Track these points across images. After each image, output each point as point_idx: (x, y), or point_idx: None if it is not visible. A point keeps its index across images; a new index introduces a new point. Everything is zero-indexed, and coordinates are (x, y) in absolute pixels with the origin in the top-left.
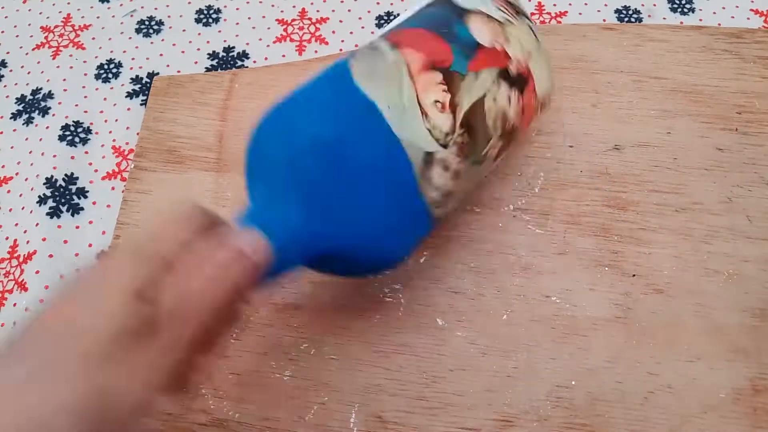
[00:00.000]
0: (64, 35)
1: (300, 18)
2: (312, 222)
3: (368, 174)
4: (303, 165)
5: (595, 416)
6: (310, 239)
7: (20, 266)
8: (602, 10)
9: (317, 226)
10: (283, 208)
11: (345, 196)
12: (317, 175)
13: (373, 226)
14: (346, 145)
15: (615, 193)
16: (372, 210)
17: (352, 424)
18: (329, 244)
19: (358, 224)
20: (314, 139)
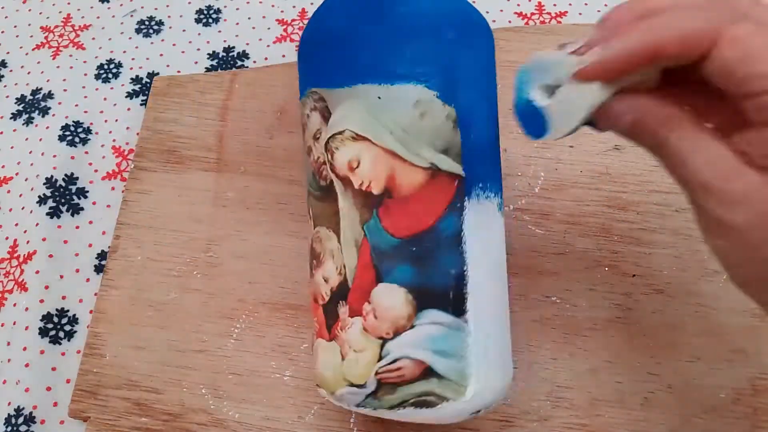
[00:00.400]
0: (64, 35)
1: (300, 18)
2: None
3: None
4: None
5: (595, 416)
6: None
7: (20, 266)
8: (602, 10)
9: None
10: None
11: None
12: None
13: None
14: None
15: (615, 193)
16: None
17: (352, 424)
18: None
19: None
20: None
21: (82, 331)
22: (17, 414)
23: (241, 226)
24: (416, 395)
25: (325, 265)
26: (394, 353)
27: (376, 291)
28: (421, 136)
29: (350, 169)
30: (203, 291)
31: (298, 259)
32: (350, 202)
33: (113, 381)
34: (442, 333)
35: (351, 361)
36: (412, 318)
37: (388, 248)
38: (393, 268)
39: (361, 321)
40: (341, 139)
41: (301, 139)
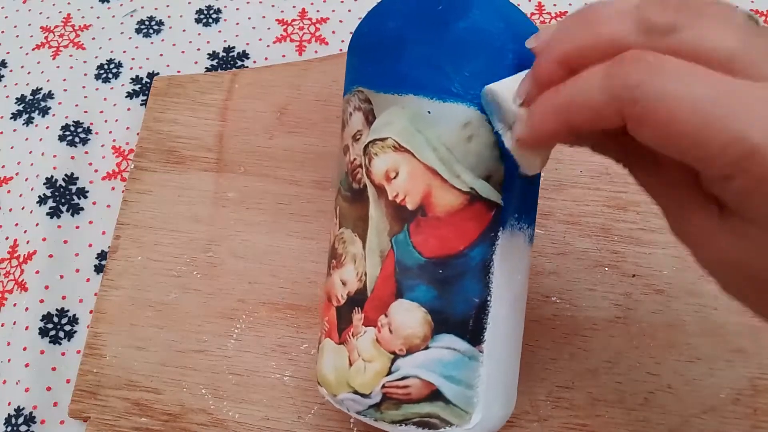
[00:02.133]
0: (64, 35)
1: (300, 18)
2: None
3: None
4: None
5: (595, 416)
6: None
7: (20, 266)
8: None
9: None
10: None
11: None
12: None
13: None
14: None
15: (615, 193)
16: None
17: (352, 424)
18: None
19: None
20: None
21: (82, 331)
22: (17, 414)
23: (241, 226)
24: (420, 415)
25: (346, 267)
26: (404, 370)
27: (395, 306)
28: (464, 159)
29: (387, 179)
30: (203, 291)
31: (298, 259)
32: (381, 212)
33: (113, 381)
34: (456, 359)
35: (358, 369)
36: (427, 339)
37: (414, 265)
38: (415, 286)
39: (374, 332)
40: (382, 146)
41: (301, 138)
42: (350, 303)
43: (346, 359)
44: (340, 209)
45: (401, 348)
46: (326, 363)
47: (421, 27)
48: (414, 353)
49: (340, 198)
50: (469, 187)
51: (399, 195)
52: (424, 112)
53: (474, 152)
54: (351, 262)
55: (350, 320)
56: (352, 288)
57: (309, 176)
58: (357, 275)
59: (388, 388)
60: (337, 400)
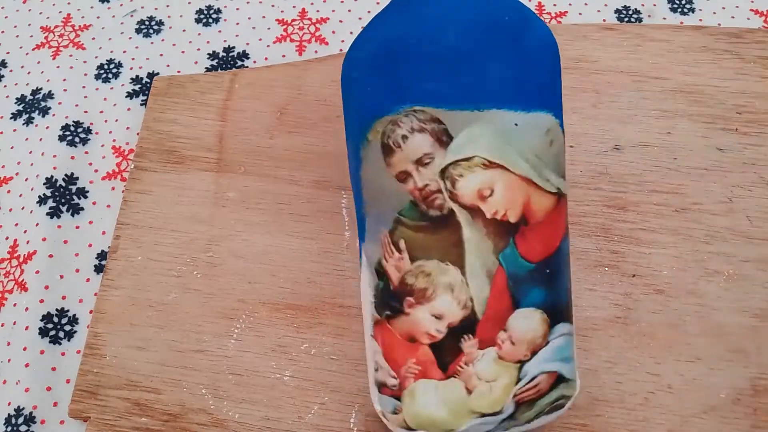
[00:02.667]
0: (64, 35)
1: (300, 18)
2: None
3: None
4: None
5: (594, 416)
6: None
7: (20, 266)
8: (602, 10)
9: None
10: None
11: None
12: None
13: None
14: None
15: (615, 193)
16: None
17: (352, 424)
18: None
19: None
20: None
21: (82, 331)
22: (17, 414)
23: (241, 226)
24: (550, 403)
25: (438, 300)
26: (532, 372)
27: (513, 317)
28: (550, 163)
29: (481, 198)
30: (203, 291)
31: (298, 259)
32: (481, 233)
33: (113, 381)
34: (566, 341)
35: (482, 393)
36: (546, 335)
37: (525, 274)
38: (529, 292)
39: (494, 350)
40: (468, 166)
41: (301, 138)
42: (455, 333)
43: (462, 389)
44: (408, 242)
45: (526, 354)
46: (429, 403)
47: (492, 39)
48: (537, 353)
49: (403, 229)
50: (555, 187)
51: (499, 211)
52: (511, 125)
53: (555, 154)
54: (446, 292)
55: (458, 350)
56: (455, 318)
57: (309, 176)
58: (459, 303)
59: (520, 395)
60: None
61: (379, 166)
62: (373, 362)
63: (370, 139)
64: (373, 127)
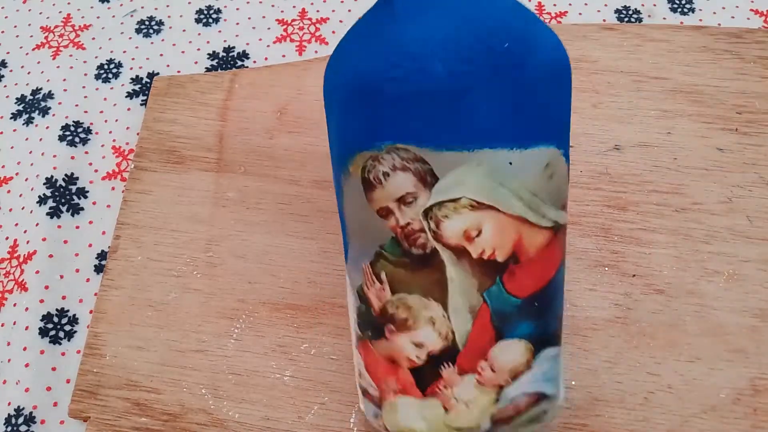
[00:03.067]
0: (64, 35)
1: (300, 18)
2: None
3: None
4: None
5: (594, 416)
6: None
7: (20, 266)
8: (602, 10)
9: None
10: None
11: None
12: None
13: None
14: None
15: (615, 193)
16: None
17: (352, 424)
18: None
19: None
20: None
21: (82, 331)
22: (17, 414)
23: (241, 226)
24: (529, 419)
25: (420, 332)
26: (512, 395)
27: (495, 348)
28: (548, 198)
29: (467, 239)
30: (203, 291)
31: (298, 259)
32: (466, 272)
33: (113, 381)
34: (552, 364)
35: (460, 412)
36: (530, 362)
37: (512, 309)
38: (515, 325)
39: (474, 377)
40: (454, 207)
41: (301, 138)
42: (435, 361)
43: (440, 407)
44: (389, 275)
45: (507, 380)
46: (407, 416)
47: (488, 70)
48: (519, 378)
49: (384, 263)
50: (552, 221)
51: (486, 251)
52: (504, 165)
53: (555, 188)
54: (427, 325)
55: (437, 375)
56: (435, 347)
57: (309, 176)
58: (441, 335)
59: (497, 415)
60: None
61: (360, 199)
62: (357, 369)
63: (351, 171)
64: (354, 159)
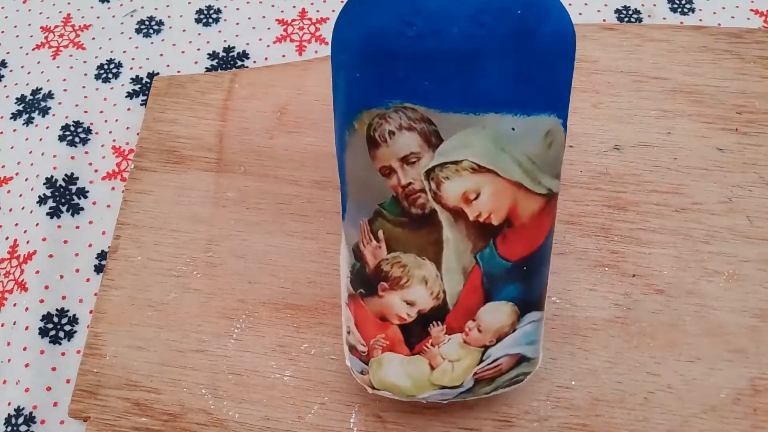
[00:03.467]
0: (64, 35)
1: (300, 18)
2: None
3: None
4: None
5: (595, 416)
6: None
7: (20, 266)
8: (602, 10)
9: None
10: None
11: None
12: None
13: None
14: None
15: (615, 193)
16: None
17: (352, 424)
18: None
19: None
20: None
21: (82, 331)
22: (17, 414)
23: (241, 226)
24: (509, 380)
25: (411, 290)
26: (495, 355)
27: (484, 309)
28: (545, 166)
29: (465, 201)
30: (203, 291)
31: (298, 259)
32: (462, 234)
33: (113, 381)
34: (534, 327)
35: (444, 370)
36: (515, 324)
37: (502, 272)
38: (503, 288)
39: (461, 336)
40: (456, 170)
41: (301, 138)
42: (424, 320)
43: (426, 365)
44: (386, 233)
45: (492, 340)
46: (393, 372)
47: (500, 35)
48: (503, 339)
49: (383, 221)
50: (546, 189)
51: (483, 214)
52: (507, 130)
53: (553, 156)
54: (420, 284)
55: (426, 333)
56: (425, 306)
57: (309, 176)
58: (432, 294)
59: (480, 374)
60: (417, 399)
61: (363, 156)
62: (345, 326)
63: (356, 127)
64: (360, 117)
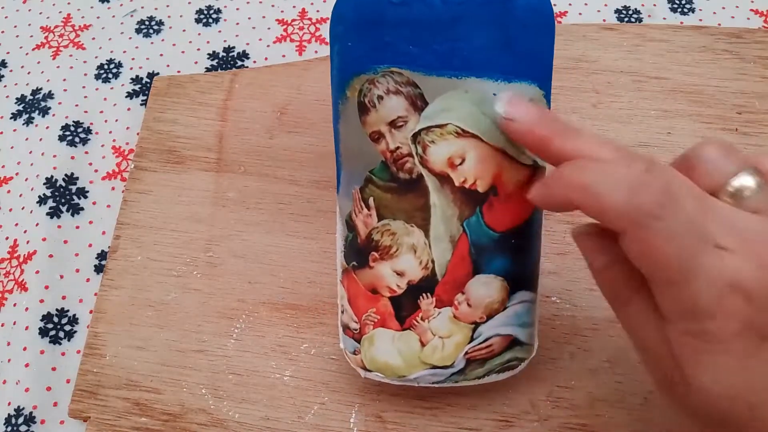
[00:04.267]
0: (64, 35)
1: (300, 18)
2: None
3: None
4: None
5: (595, 416)
6: None
7: (20, 266)
8: (602, 10)
9: None
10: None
11: None
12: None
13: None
14: None
15: None
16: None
17: (352, 424)
18: None
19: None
20: None
21: (82, 331)
22: (17, 414)
23: (241, 226)
24: (502, 364)
25: (402, 258)
26: (486, 334)
27: (472, 282)
28: None
29: (451, 166)
30: (203, 291)
31: (298, 259)
32: (448, 199)
33: (113, 381)
34: (526, 308)
35: (434, 347)
36: (505, 301)
37: (489, 242)
38: (491, 260)
39: (450, 310)
40: (441, 133)
41: (301, 138)
42: (413, 290)
43: (416, 342)
44: (376, 200)
45: (482, 316)
46: (384, 350)
47: (478, 2)
48: (494, 317)
49: (373, 188)
50: (531, 159)
51: (468, 180)
52: (489, 95)
53: None
54: (409, 252)
55: (416, 306)
56: (415, 276)
57: (309, 176)
58: (421, 264)
59: (471, 353)
60: (407, 380)
61: (355, 123)
62: (340, 305)
63: (348, 95)
64: (352, 83)
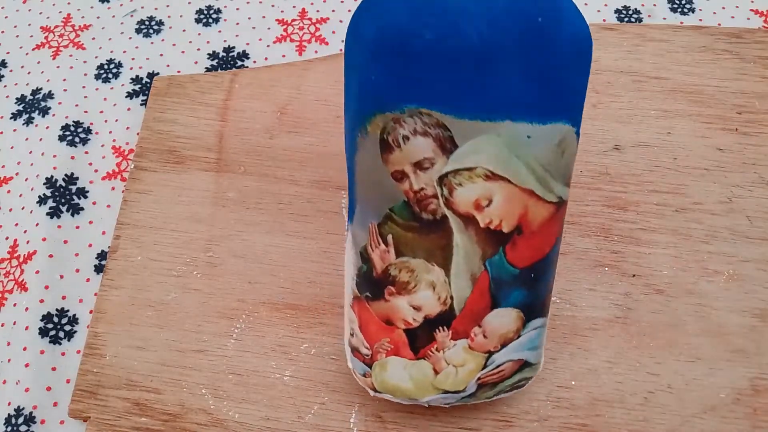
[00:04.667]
0: (64, 35)
1: (300, 18)
2: None
3: None
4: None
5: (595, 416)
6: None
7: (20, 266)
8: (602, 10)
9: None
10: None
11: None
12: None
13: None
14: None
15: (615, 193)
16: None
17: (351, 424)
18: None
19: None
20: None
21: (82, 331)
22: (17, 414)
23: (241, 226)
24: (512, 384)
25: (418, 294)
26: (499, 360)
27: (491, 315)
28: (557, 173)
29: (477, 208)
30: (203, 291)
31: (298, 259)
32: (472, 240)
33: (113, 381)
34: (538, 333)
35: (448, 374)
36: (519, 330)
37: (509, 278)
38: (510, 294)
39: (466, 342)
40: (469, 176)
41: (301, 138)
42: (430, 324)
43: (430, 369)
44: (395, 237)
45: (496, 346)
46: (396, 376)
47: (519, 41)
48: (508, 345)
49: (392, 225)
50: (557, 196)
51: (493, 221)
52: (522, 138)
53: (565, 164)
54: (427, 289)
55: (431, 338)
56: (432, 311)
57: (309, 176)
58: (440, 299)
59: (483, 379)
60: (420, 402)
61: (375, 159)
62: (349, 327)
63: (369, 130)
64: (374, 119)
